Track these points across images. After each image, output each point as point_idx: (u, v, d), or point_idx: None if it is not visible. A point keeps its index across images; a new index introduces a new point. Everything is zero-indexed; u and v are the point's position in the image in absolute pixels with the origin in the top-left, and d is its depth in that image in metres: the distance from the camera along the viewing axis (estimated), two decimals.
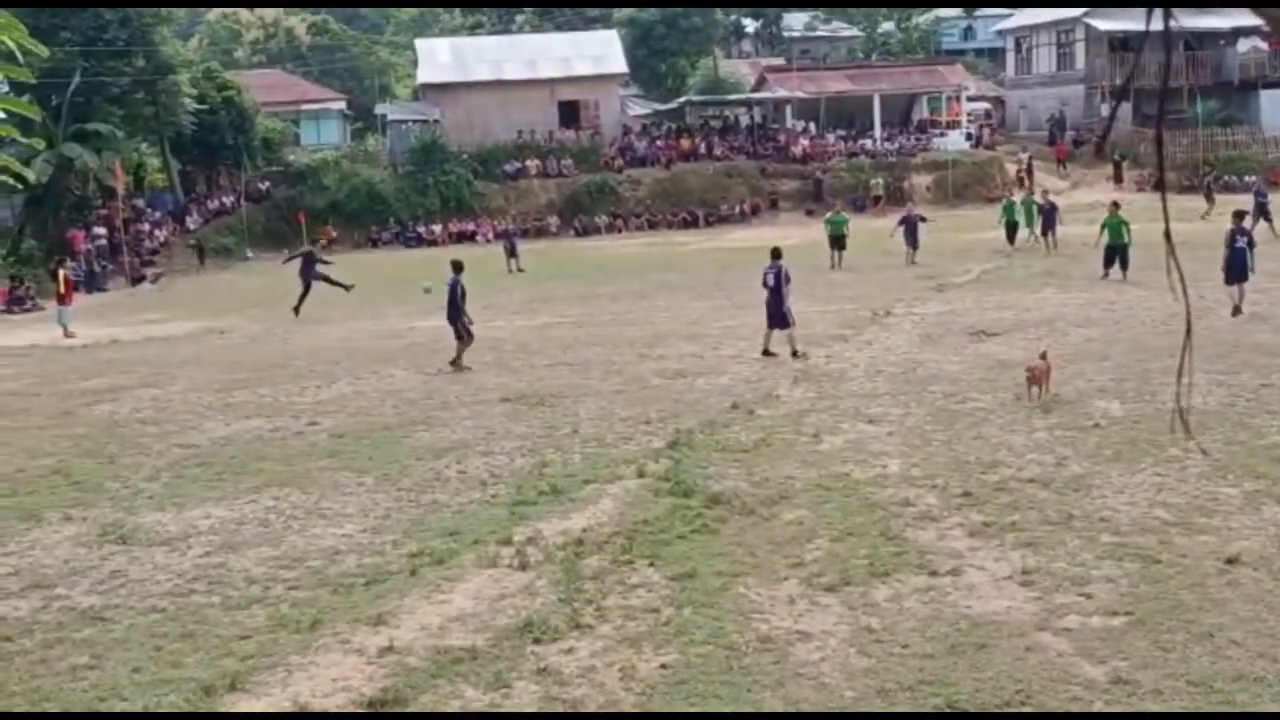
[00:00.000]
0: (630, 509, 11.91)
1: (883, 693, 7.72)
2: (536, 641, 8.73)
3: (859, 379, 18.14)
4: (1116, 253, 27.74)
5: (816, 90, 62.43)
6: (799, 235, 45.79)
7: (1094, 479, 12.15)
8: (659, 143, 60.90)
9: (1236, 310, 21.32)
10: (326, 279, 30.64)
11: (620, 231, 55.07)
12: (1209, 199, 43.38)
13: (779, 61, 79.83)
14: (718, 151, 59.71)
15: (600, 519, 11.63)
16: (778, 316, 20.17)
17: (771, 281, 20.25)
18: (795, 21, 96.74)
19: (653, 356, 21.12)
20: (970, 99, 66.71)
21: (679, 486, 12.50)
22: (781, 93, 63.09)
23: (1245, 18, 51.82)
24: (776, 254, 20.77)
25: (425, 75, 62.59)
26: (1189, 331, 2.56)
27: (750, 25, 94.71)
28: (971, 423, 14.81)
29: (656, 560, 10.31)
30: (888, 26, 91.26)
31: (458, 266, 21.16)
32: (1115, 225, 28.00)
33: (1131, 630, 8.45)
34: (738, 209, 56.43)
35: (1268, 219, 34.80)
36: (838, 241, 34.89)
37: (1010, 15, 74.12)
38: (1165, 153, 56.16)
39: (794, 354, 19.97)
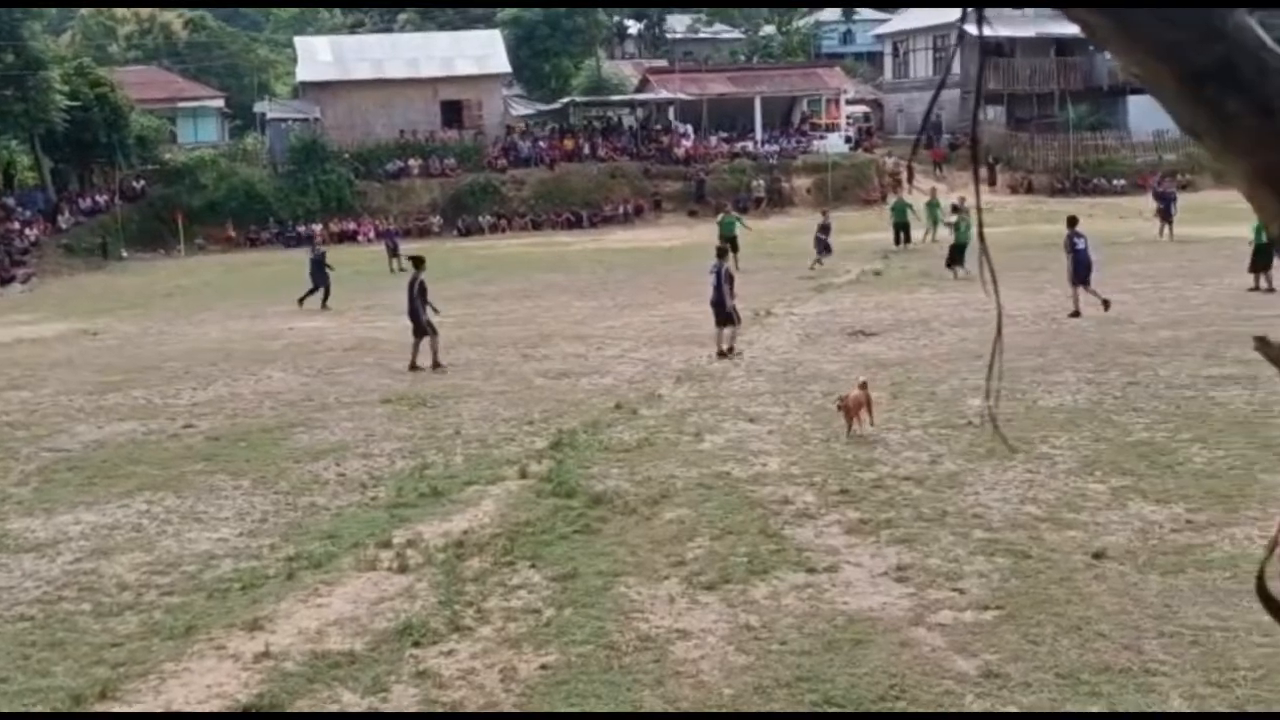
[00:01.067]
0: (512, 510, 11.90)
1: (760, 690, 7.81)
2: (416, 644, 8.69)
3: (740, 378, 18.31)
4: (960, 250, 28.47)
5: (699, 92, 62.74)
6: (683, 236, 46.04)
7: (967, 476, 12.39)
8: (542, 143, 60.73)
9: (1076, 312, 21.96)
10: (325, 286, 29.99)
11: (504, 231, 54.76)
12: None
13: (662, 63, 80.00)
14: (601, 152, 59.70)
15: (481, 520, 11.60)
16: (721, 314, 20.23)
17: (713, 279, 20.39)
18: (678, 23, 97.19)
19: (536, 357, 21.09)
20: (849, 102, 67.50)
21: (561, 487, 12.52)
22: (664, 94, 63.30)
23: None
24: (721, 253, 21.16)
25: (305, 73, 61.72)
26: (999, 332, 2.63)
27: (633, 27, 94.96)
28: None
29: (538, 561, 10.31)
30: (769, 29, 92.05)
31: (418, 263, 20.96)
32: (960, 226, 28.87)
33: (1002, 624, 8.65)
34: (621, 209, 56.45)
35: (1168, 220, 36.12)
36: (729, 243, 34.67)
37: (888, 19, 75.12)
38: (1038, 156, 58.14)
39: (720, 353, 19.99)
